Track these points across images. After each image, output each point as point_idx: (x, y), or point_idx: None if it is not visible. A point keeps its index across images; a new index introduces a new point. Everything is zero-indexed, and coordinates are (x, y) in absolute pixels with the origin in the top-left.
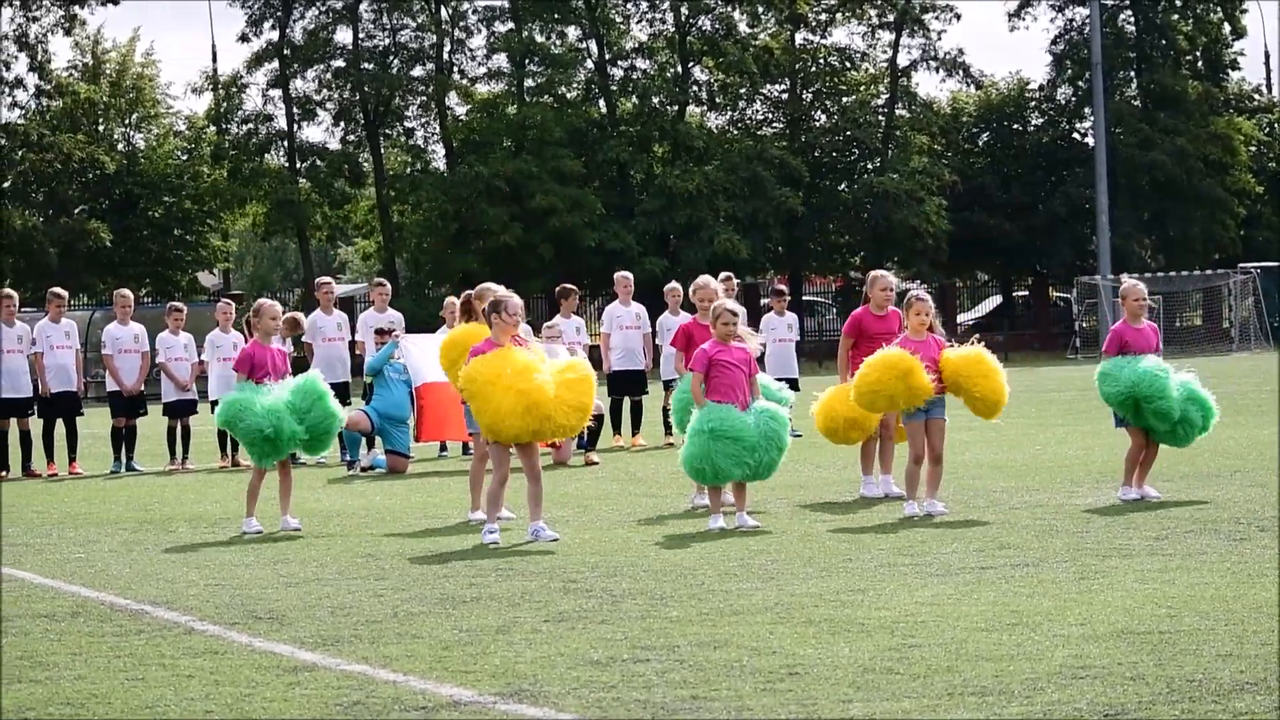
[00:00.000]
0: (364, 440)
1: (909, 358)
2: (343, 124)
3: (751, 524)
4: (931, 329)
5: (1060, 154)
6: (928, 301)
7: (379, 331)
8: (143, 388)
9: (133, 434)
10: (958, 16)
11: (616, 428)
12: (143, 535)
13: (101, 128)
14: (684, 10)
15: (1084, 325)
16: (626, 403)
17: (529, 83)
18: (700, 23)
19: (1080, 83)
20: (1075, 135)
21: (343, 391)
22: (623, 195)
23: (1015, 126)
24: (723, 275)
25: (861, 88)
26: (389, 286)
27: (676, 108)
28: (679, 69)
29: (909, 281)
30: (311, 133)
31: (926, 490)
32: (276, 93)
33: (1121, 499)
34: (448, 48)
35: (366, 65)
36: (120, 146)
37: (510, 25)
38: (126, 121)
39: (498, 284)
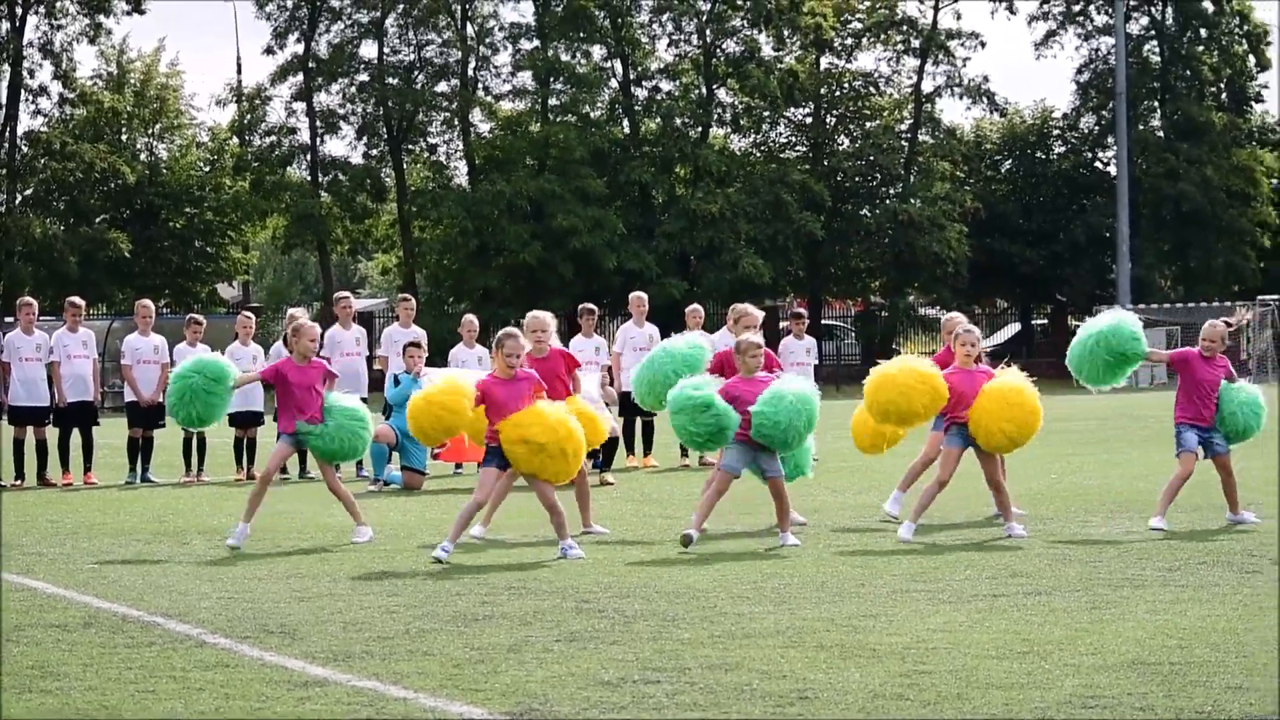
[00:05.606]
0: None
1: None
2: (366, 138)
3: (793, 542)
4: (979, 360)
5: (1082, 182)
6: (975, 333)
7: (411, 344)
8: (160, 398)
9: (149, 445)
10: (983, 44)
11: (630, 448)
12: (156, 547)
13: (124, 137)
14: (709, 33)
15: None
16: (638, 423)
17: (553, 101)
18: (725, 45)
19: (1104, 112)
20: (1098, 164)
21: None
22: (644, 216)
23: (1038, 155)
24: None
25: (885, 113)
26: (414, 302)
27: (700, 129)
28: (703, 91)
29: (929, 307)
30: (334, 146)
31: (1004, 517)
32: (300, 106)
33: (1152, 528)
34: (472, 64)
35: (391, 80)
36: (143, 156)
37: (535, 43)
38: (149, 131)
39: (525, 306)
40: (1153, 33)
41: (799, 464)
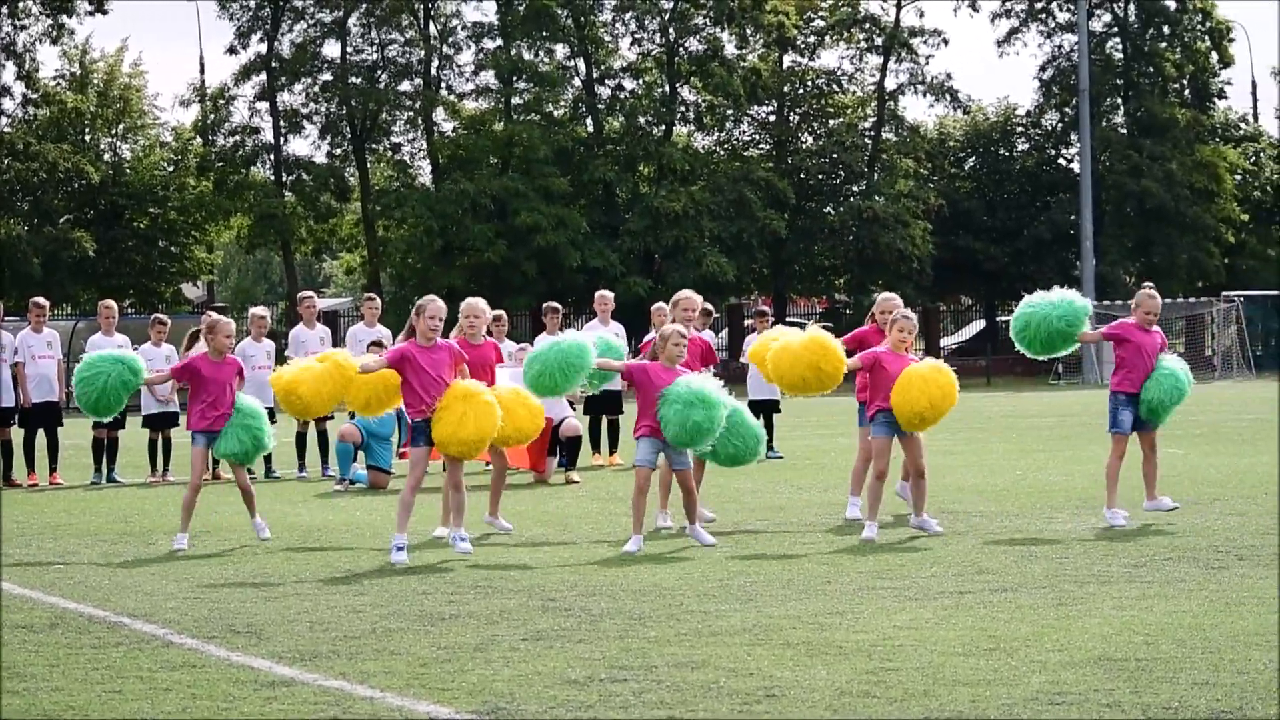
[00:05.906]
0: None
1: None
2: (329, 138)
3: (708, 541)
4: (908, 349)
5: (1046, 179)
6: (913, 320)
7: (374, 344)
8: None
9: (114, 445)
10: (946, 42)
11: (595, 447)
12: (122, 547)
13: (88, 137)
14: (672, 31)
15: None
16: (604, 422)
17: (516, 100)
18: (688, 44)
19: (1067, 109)
20: (1061, 161)
21: None
22: (608, 214)
23: (1002, 152)
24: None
25: (848, 111)
26: (379, 301)
27: (664, 128)
28: (667, 89)
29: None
30: (298, 146)
31: (915, 508)
32: (264, 105)
33: (1109, 522)
34: (435, 63)
35: (354, 79)
36: (106, 157)
37: (499, 42)
38: (113, 132)
39: (490, 304)
40: (1115, 30)
41: (740, 449)
